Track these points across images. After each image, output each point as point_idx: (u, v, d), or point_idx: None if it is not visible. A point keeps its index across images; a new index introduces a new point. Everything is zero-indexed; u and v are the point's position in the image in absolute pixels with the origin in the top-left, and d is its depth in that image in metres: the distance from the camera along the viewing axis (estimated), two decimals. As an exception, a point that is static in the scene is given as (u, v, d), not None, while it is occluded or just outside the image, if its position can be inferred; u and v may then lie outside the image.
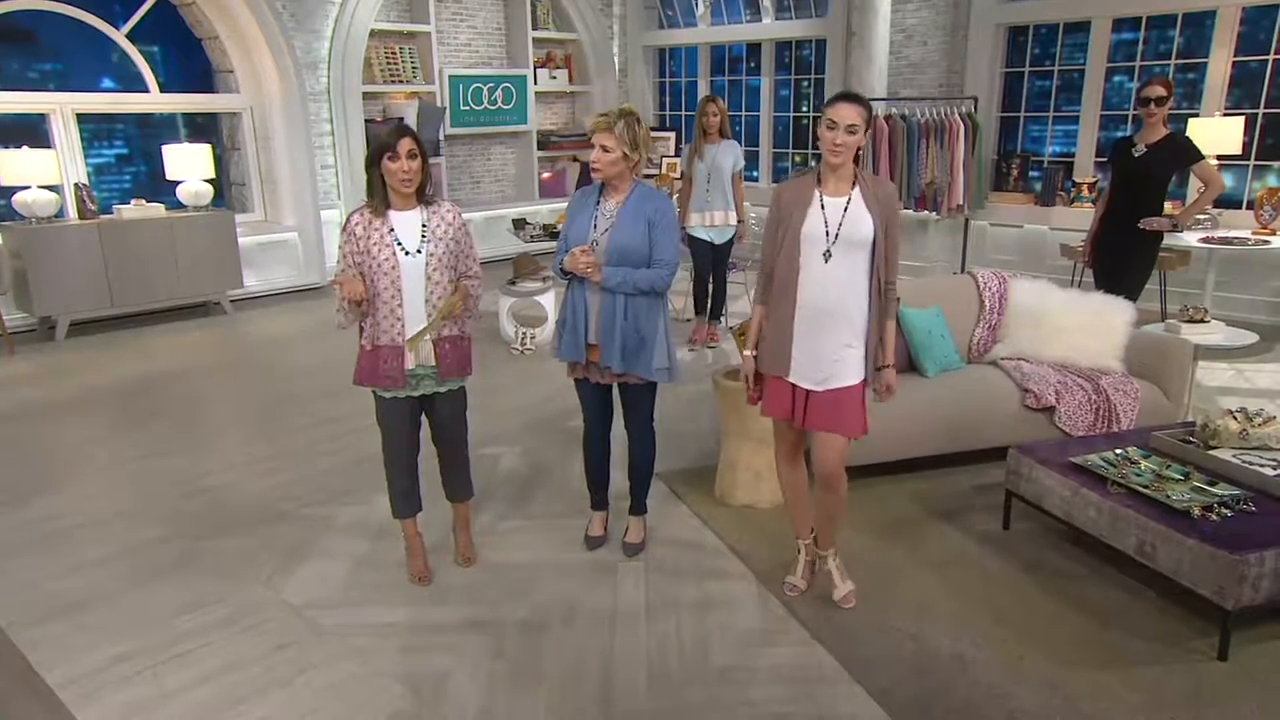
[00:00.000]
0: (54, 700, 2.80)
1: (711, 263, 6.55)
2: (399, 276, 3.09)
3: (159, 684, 2.88)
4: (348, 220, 3.16)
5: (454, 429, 3.44)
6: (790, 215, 2.94)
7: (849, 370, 2.99)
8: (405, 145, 3.02)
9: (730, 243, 6.52)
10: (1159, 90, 5.02)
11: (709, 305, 6.77)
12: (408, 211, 3.14)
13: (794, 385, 3.04)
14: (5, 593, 3.42)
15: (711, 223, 6.33)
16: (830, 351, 2.97)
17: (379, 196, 3.11)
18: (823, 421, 3.03)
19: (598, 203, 3.34)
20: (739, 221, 6.41)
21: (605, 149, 3.21)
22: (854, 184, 2.94)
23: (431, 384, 3.27)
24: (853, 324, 2.96)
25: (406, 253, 3.10)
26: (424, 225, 3.14)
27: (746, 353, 3.15)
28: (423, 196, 3.17)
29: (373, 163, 3.07)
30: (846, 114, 2.81)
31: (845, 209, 2.90)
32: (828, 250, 2.90)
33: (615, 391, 3.52)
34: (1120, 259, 5.22)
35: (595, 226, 3.30)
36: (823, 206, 2.91)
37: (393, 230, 3.10)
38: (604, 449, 3.66)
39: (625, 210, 3.27)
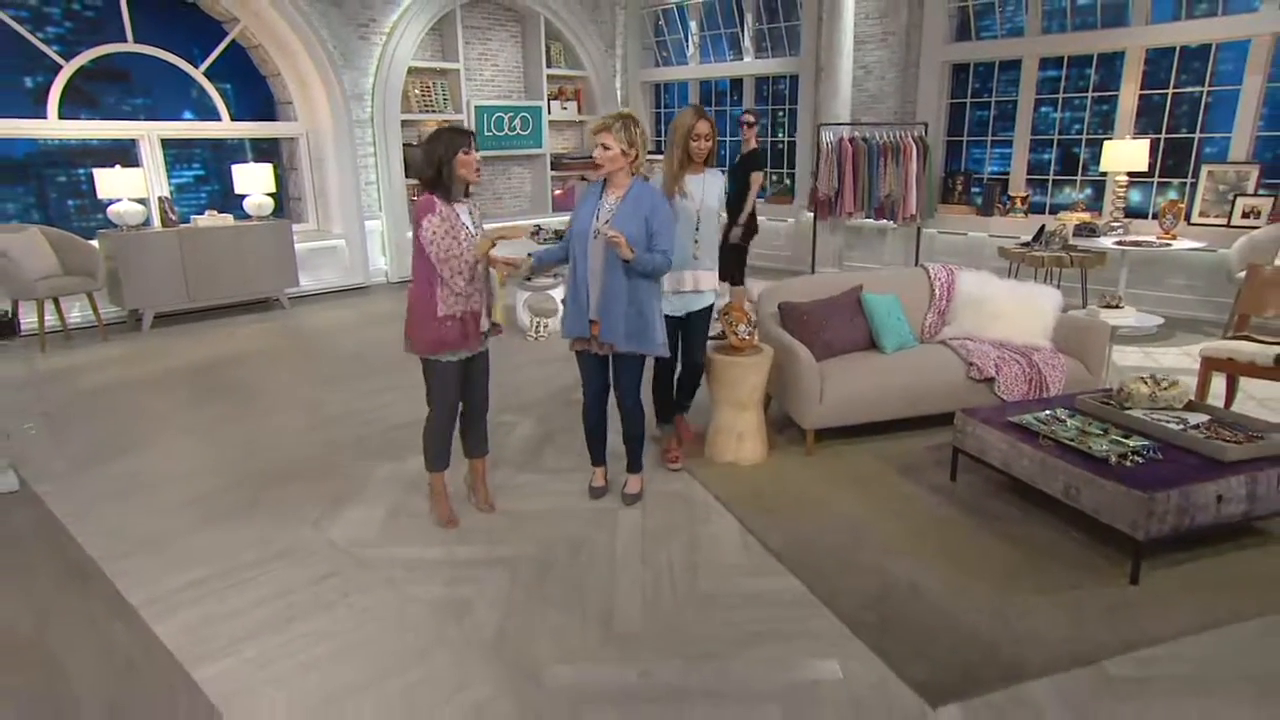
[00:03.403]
0: (137, 618, 2.77)
1: (682, 342, 3.91)
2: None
3: (225, 604, 2.86)
4: (431, 204, 3.04)
5: (484, 384, 3.44)
6: None
7: None
8: (473, 141, 3.10)
9: (709, 313, 3.92)
10: (746, 117, 5.96)
11: (675, 396, 4.13)
12: (459, 203, 3.16)
13: None
14: (97, 533, 3.40)
15: (696, 286, 3.75)
16: None
17: (453, 189, 3.10)
18: None
19: (600, 197, 3.31)
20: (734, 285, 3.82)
21: (605, 146, 3.18)
22: None
23: (478, 343, 3.32)
24: None
25: (472, 235, 3.15)
26: (471, 213, 3.18)
27: None
28: (467, 191, 3.21)
29: (448, 159, 3.04)
30: None
31: None
32: None
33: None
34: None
35: (597, 217, 3.26)
36: None
37: (459, 215, 3.12)
38: (601, 413, 3.60)
39: (625, 204, 3.23)
